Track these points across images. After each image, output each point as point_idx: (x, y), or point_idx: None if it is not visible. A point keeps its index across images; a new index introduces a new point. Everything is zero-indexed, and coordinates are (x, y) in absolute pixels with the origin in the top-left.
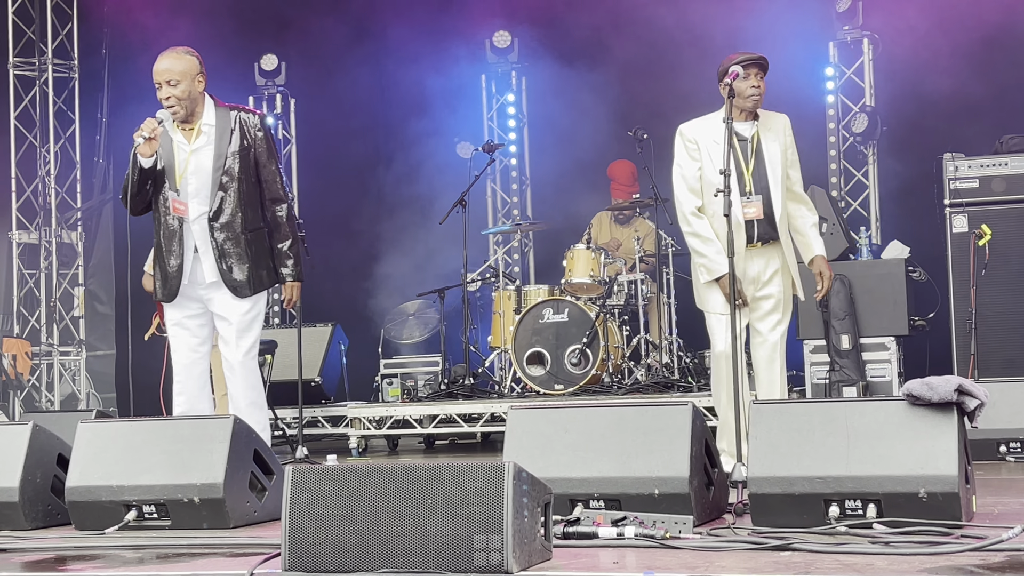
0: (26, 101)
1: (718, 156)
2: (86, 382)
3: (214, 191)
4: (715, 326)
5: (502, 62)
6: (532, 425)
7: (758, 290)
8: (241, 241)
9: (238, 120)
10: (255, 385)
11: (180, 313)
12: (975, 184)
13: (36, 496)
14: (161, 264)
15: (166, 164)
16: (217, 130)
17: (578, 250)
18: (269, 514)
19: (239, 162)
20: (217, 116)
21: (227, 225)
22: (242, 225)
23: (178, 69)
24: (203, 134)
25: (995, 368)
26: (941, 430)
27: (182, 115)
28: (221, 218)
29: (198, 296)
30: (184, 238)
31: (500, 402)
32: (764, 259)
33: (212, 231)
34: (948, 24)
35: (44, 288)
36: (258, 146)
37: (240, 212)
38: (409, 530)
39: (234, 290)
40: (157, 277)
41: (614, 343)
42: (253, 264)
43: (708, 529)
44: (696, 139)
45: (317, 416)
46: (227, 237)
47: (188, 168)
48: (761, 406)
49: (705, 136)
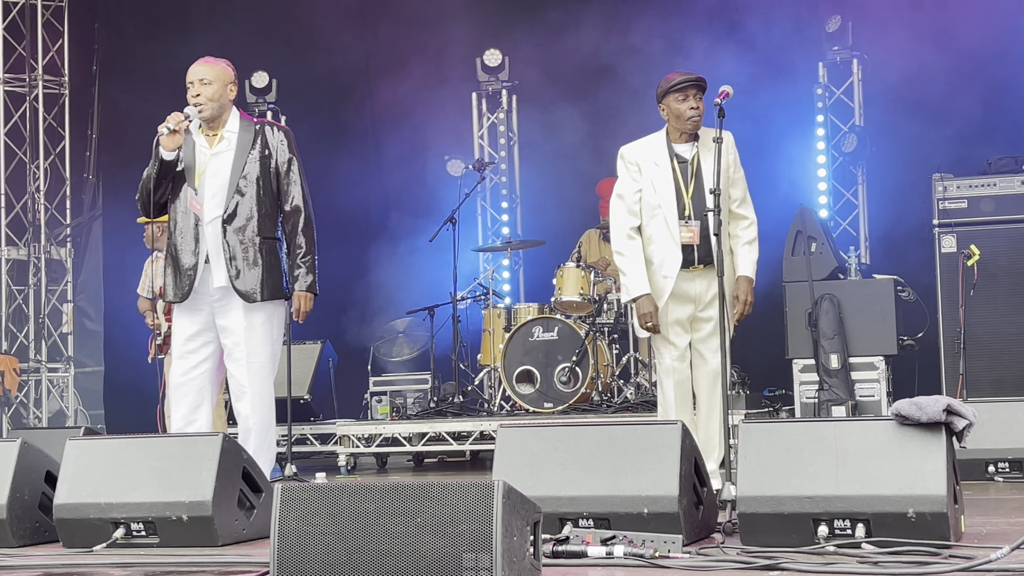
0: (16, 117)
1: (658, 178)
2: (74, 399)
3: (230, 194)
4: (656, 345)
5: (493, 80)
6: (522, 443)
7: (699, 310)
8: (254, 247)
9: (262, 131)
10: (266, 404)
11: (188, 323)
12: (964, 204)
13: (24, 513)
14: (175, 264)
15: (187, 165)
16: (239, 137)
17: (568, 268)
18: (258, 532)
19: (258, 169)
20: (241, 125)
21: (241, 229)
22: (256, 231)
23: (213, 71)
24: (225, 140)
25: (984, 388)
26: (930, 450)
27: (208, 115)
28: (235, 221)
29: (208, 306)
30: (199, 239)
31: (489, 420)
32: (706, 281)
33: (225, 233)
34: (937, 45)
35: (33, 304)
36: (280, 156)
37: (255, 217)
38: (398, 548)
39: (244, 296)
40: (168, 279)
41: (603, 361)
42: (265, 272)
43: (697, 548)
44: (637, 161)
45: (306, 433)
46: (240, 241)
47: (207, 171)
48: (750, 425)
49: (645, 158)
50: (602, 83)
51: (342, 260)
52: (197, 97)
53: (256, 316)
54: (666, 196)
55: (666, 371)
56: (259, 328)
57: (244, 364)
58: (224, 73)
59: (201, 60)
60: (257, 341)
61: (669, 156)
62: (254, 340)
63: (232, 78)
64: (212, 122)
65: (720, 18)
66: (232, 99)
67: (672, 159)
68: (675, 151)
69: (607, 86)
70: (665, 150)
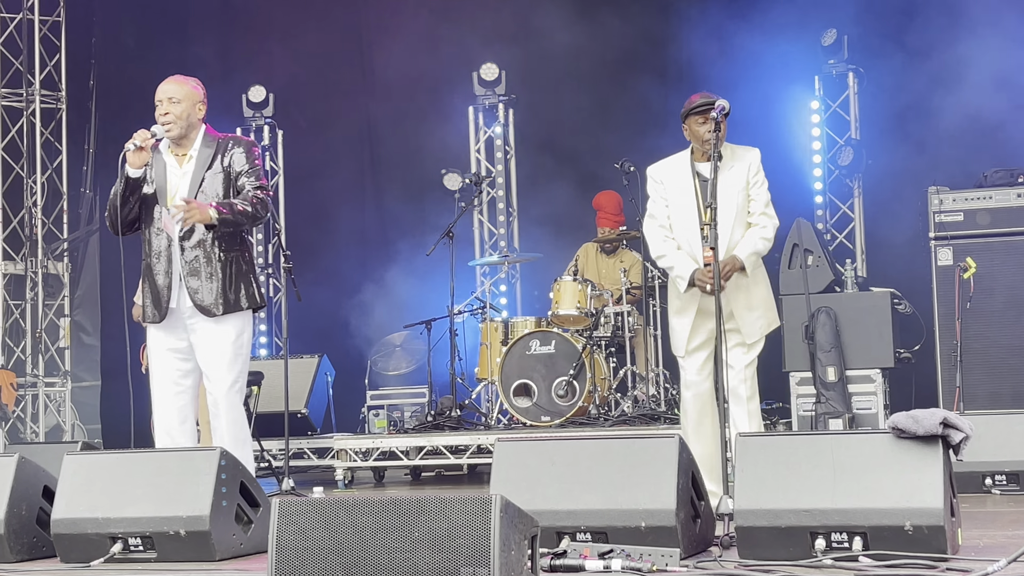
0: (13, 132)
1: (680, 197)
2: (71, 413)
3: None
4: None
5: (489, 94)
6: (519, 457)
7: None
8: (212, 259)
9: (224, 144)
10: (238, 420)
11: (165, 341)
12: (960, 217)
13: (21, 528)
14: (151, 285)
15: (158, 187)
16: (200, 153)
17: (565, 282)
18: (255, 546)
19: (218, 183)
20: (204, 142)
21: (198, 244)
22: (213, 244)
23: (181, 91)
24: (192, 159)
25: (980, 401)
26: (927, 463)
27: (175, 134)
28: (193, 236)
29: (183, 324)
30: (172, 259)
31: (487, 434)
32: (725, 296)
33: (183, 251)
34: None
35: (30, 319)
36: (235, 162)
37: (222, 238)
38: (395, 563)
39: (203, 311)
40: (146, 300)
41: (601, 375)
42: (224, 285)
43: (695, 562)
44: (662, 179)
45: (303, 448)
46: (196, 256)
47: (177, 192)
48: (747, 439)
49: (669, 177)
50: (599, 97)
51: (339, 274)
52: (165, 116)
53: (219, 331)
54: (688, 214)
55: (685, 384)
56: (225, 345)
57: (215, 382)
58: (193, 92)
59: (170, 78)
60: (226, 359)
61: (692, 175)
62: (223, 358)
63: (201, 97)
64: (180, 141)
65: (717, 32)
66: (201, 118)
67: (694, 178)
68: (697, 170)
69: (604, 100)
70: (688, 169)
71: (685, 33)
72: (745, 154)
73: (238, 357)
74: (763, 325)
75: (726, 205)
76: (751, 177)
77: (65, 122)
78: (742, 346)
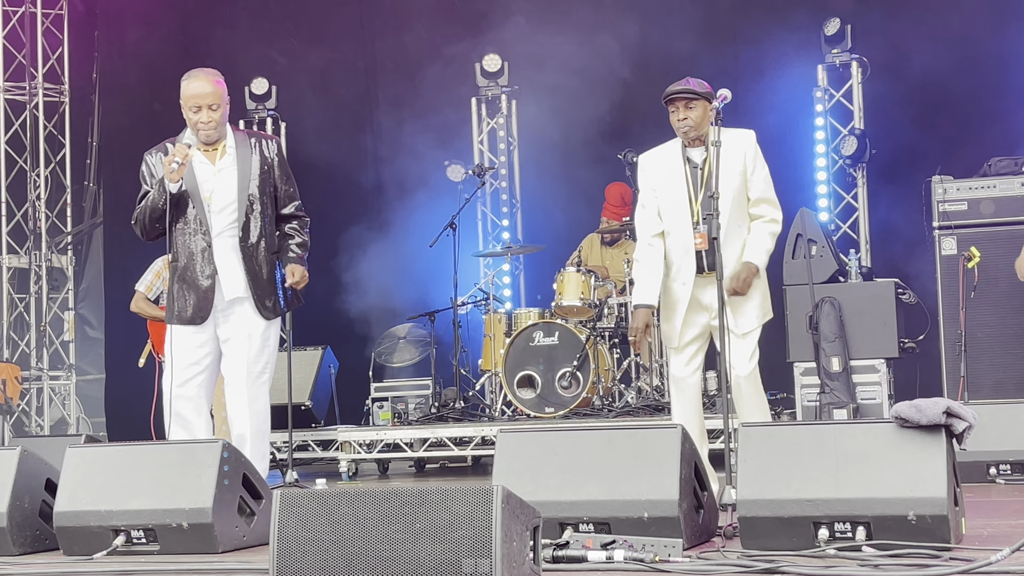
0: (16, 125)
1: (671, 185)
2: (76, 407)
3: (241, 212)
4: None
5: (492, 85)
6: (521, 448)
7: (713, 318)
8: (267, 265)
9: (257, 144)
10: (262, 412)
11: (192, 336)
12: (964, 206)
13: (24, 521)
14: (191, 284)
15: (188, 186)
16: (239, 152)
17: (568, 273)
18: (258, 539)
19: (260, 184)
20: (237, 140)
21: (254, 246)
22: (266, 248)
23: (218, 95)
24: (227, 155)
25: (985, 390)
26: (930, 452)
27: (214, 137)
28: (250, 239)
29: (213, 317)
30: (211, 259)
31: (491, 425)
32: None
33: (243, 252)
34: (937, 46)
35: (34, 312)
36: (276, 169)
37: (265, 236)
38: (397, 554)
39: (263, 312)
40: (180, 300)
41: (604, 366)
42: (277, 288)
43: (698, 552)
44: (652, 168)
45: (307, 440)
46: (255, 257)
47: (215, 188)
48: (749, 429)
49: (660, 165)
50: (602, 88)
51: (342, 266)
52: (207, 123)
53: (259, 326)
54: (678, 202)
55: (671, 378)
56: (260, 337)
57: (244, 371)
58: (224, 91)
59: (200, 76)
60: (257, 350)
61: (683, 161)
62: (255, 349)
63: (227, 93)
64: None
65: (719, 21)
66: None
67: (685, 164)
68: (688, 155)
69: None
70: (679, 155)
71: (688, 22)
72: (739, 137)
73: (268, 348)
74: (759, 315)
75: (722, 191)
76: (748, 162)
77: (68, 115)
78: (739, 339)
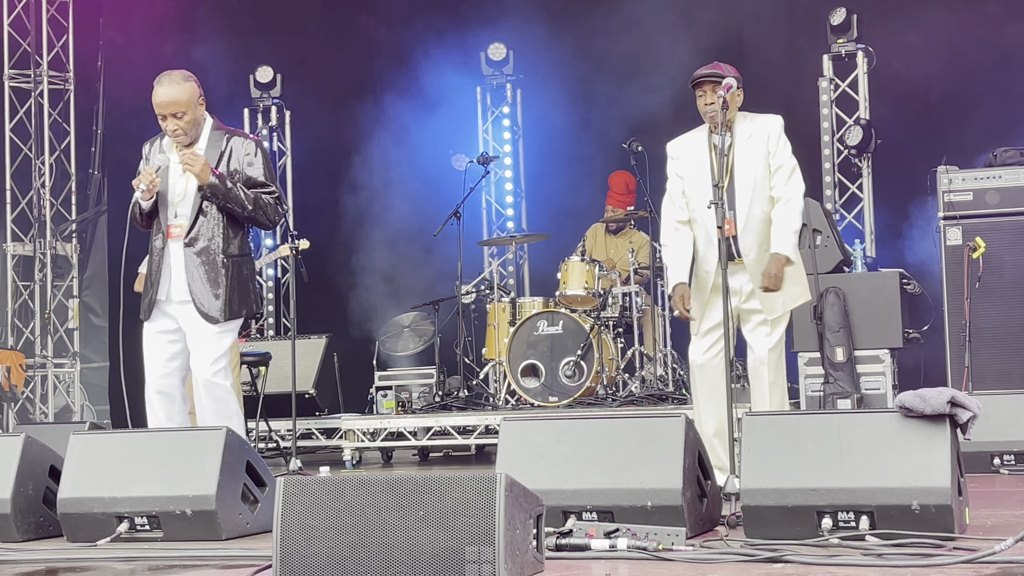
0: (21, 113)
1: (697, 171)
2: (80, 394)
3: (193, 214)
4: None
5: (497, 74)
6: (525, 437)
7: (743, 303)
8: (217, 265)
9: (230, 144)
10: (221, 399)
11: (154, 327)
12: (969, 197)
13: (28, 508)
14: (151, 282)
15: (160, 188)
16: (208, 155)
17: (572, 262)
18: (261, 526)
19: None
20: (210, 141)
21: (204, 250)
22: (220, 249)
23: (183, 99)
24: None
25: (989, 380)
26: (934, 442)
27: (186, 142)
28: (198, 243)
29: (172, 313)
30: (164, 257)
31: (494, 414)
32: (746, 275)
33: (186, 254)
34: (942, 37)
35: (39, 300)
36: (246, 171)
37: (219, 236)
38: (401, 542)
39: (204, 316)
40: (144, 297)
41: (608, 355)
42: (227, 291)
43: (701, 541)
44: (679, 155)
45: (311, 428)
46: (203, 261)
47: (180, 190)
48: (754, 418)
49: (686, 152)
50: (606, 77)
51: (347, 255)
52: (175, 132)
53: (207, 329)
54: (704, 188)
55: (692, 362)
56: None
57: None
58: (192, 93)
59: (163, 83)
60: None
61: (708, 147)
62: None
63: (199, 92)
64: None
65: (724, 11)
66: (203, 113)
67: (711, 150)
68: (713, 142)
69: (611, 80)
70: (705, 141)
71: (694, 12)
72: (765, 122)
73: (222, 341)
74: (787, 300)
75: (744, 177)
76: (771, 146)
77: (73, 103)
78: (765, 325)
